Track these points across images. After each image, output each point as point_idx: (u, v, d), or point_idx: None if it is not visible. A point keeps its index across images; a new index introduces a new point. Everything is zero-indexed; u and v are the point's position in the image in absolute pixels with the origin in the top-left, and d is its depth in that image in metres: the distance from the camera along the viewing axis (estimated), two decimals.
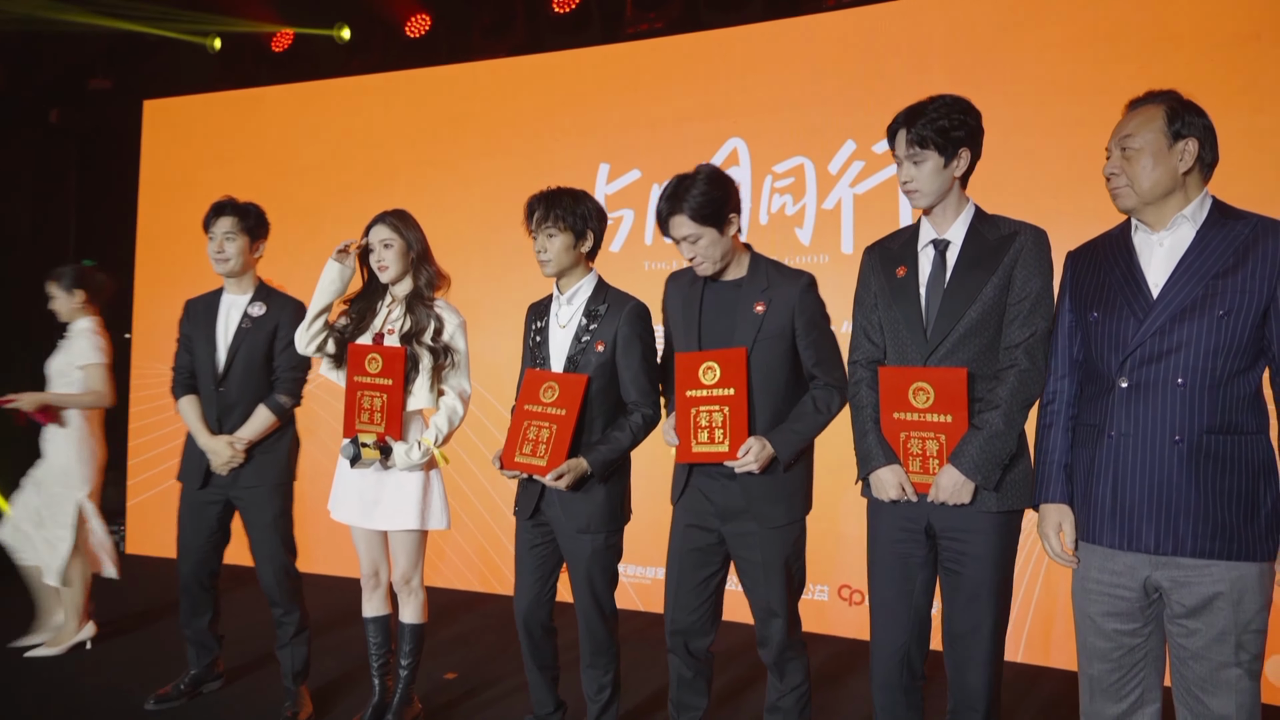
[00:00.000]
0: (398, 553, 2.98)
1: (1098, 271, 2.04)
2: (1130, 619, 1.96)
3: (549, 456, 2.58)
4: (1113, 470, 1.93)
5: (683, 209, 2.43)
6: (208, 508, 3.21)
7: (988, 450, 2.17)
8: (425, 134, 5.11)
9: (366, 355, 2.85)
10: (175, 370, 3.27)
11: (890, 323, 2.32)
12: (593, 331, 2.65)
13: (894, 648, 2.33)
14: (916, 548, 2.30)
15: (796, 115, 4.32)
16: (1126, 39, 3.68)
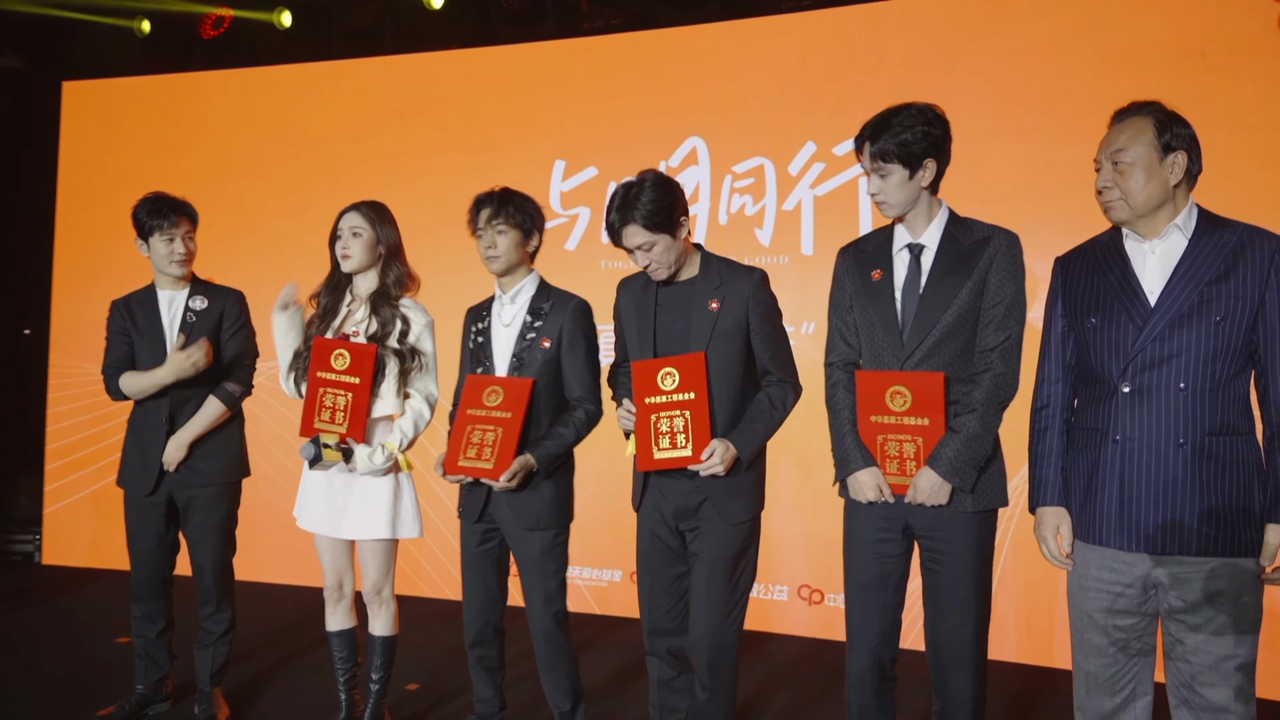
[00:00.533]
0: (368, 563, 2.87)
1: (1091, 277, 2.09)
2: (1128, 615, 2.02)
3: (495, 460, 2.56)
4: (1118, 474, 1.98)
5: (634, 218, 2.42)
6: (157, 509, 3.08)
7: (965, 453, 2.22)
8: (371, 127, 4.96)
9: (334, 350, 2.73)
10: (108, 368, 3.09)
11: (866, 325, 2.35)
12: (538, 328, 2.65)
13: (869, 647, 2.36)
14: (893, 548, 2.33)
15: (756, 115, 4.34)
16: (1080, 51, 3.81)
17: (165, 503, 3.07)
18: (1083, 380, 2.11)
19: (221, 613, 3.15)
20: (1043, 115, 3.87)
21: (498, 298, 2.75)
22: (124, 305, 3.14)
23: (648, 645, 2.62)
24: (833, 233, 4.21)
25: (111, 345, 3.13)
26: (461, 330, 2.84)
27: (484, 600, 2.74)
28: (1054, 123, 3.86)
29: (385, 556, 2.87)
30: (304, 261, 4.94)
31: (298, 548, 4.44)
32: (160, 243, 3.05)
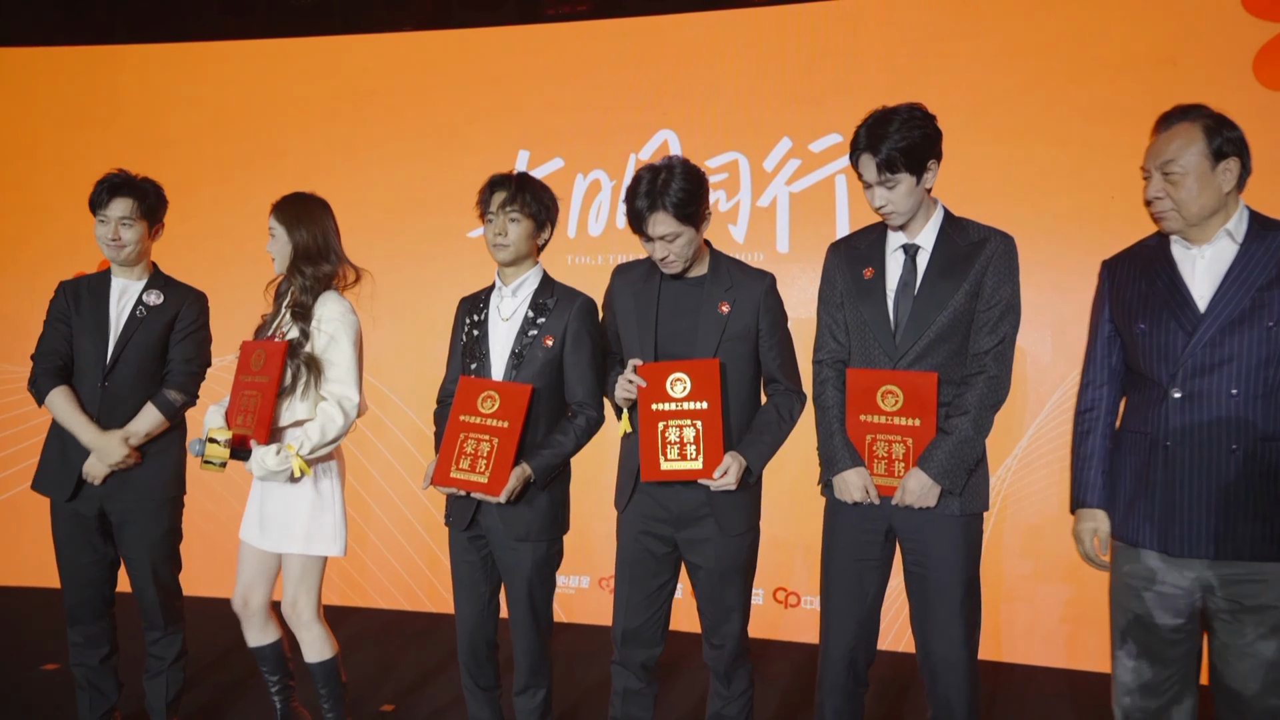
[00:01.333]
0: (286, 578, 2.69)
1: (1138, 282, 2.11)
2: (1176, 615, 2.04)
3: (490, 473, 2.40)
4: (1168, 478, 2.00)
5: (664, 205, 2.31)
6: (89, 522, 2.80)
7: (956, 455, 2.21)
8: (316, 111, 4.70)
9: (253, 352, 2.62)
10: (39, 358, 2.82)
11: (856, 323, 2.33)
12: (540, 325, 2.51)
13: (844, 650, 2.35)
14: (874, 550, 2.32)
15: (730, 110, 4.28)
16: (1056, 54, 3.87)
17: (97, 516, 2.80)
18: (1131, 384, 2.13)
19: (170, 636, 2.91)
20: (1019, 116, 3.93)
21: (497, 289, 2.59)
22: (71, 288, 2.87)
23: (618, 654, 2.54)
24: (809, 230, 4.18)
25: (47, 332, 2.85)
26: (453, 321, 2.67)
27: (477, 614, 2.60)
28: (1029, 124, 3.91)
29: (301, 572, 2.66)
30: (241, 253, 4.67)
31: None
32: (98, 224, 2.80)
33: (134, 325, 2.81)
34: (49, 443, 2.85)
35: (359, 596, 4.61)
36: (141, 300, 2.84)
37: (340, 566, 4.49)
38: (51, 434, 2.85)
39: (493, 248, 2.53)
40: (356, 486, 4.47)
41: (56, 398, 2.77)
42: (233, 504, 4.49)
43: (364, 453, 4.53)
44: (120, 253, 2.80)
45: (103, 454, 2.73)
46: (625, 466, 2.53)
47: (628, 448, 2.53)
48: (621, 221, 4.40)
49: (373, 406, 4.24)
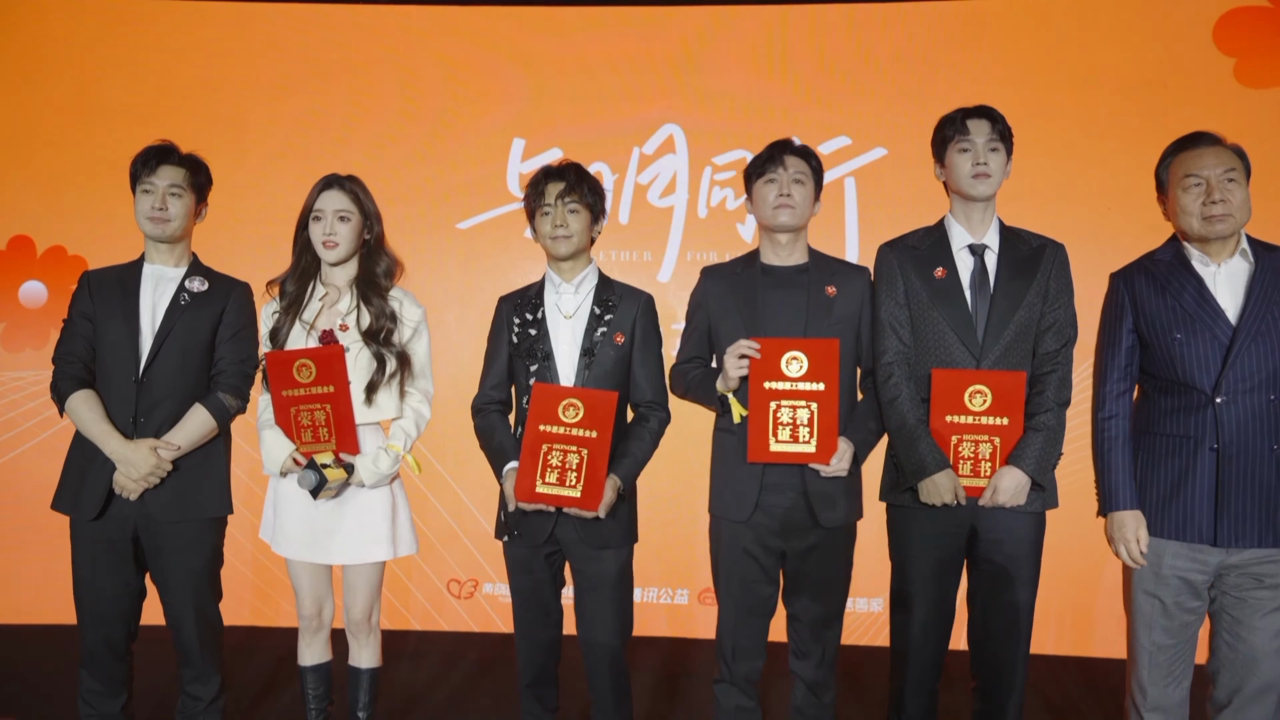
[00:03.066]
0: (358, 588, 2.59)
1: (1163, 295, 2.27)
2: (1197, 596, 2.24)
3: (584, 487, 2.33)
4: (1214, 478, 2.18)
5: (798, 150, 2.48)
6: (120, 546, 2.49)
7: (1046, 451, 2.33)
8: (287, 83, 4.36)
9: (294, 362, 2.43)
10: (60, 360, 2.51)
11: (929, 324, 2.40)
12: (609, 322, 2.46)
13: (930, 652, 2.43)
14: (955, 553, 2.40)
15: (737, 107, 4.29)
16: (1057, 70, 4.11)
17: (130, 539, 2.49)
18: (1158, 390, 2.29)
19: (208, 675, 2.63)
20: (1022, 128, 4.05)
21: (553, 286, 2.51)
22: (96, 279, 2.55)
23: (727, 673, 2.52)
24: (817, 232, 4.20)
25: (65, 331, 2.53)
26: (493, 323, 2.57)
27: (550, 634, 2.51)
28: (1031, 136, 4.09)
29: (377, 580, 2.62)
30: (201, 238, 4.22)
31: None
32: (140, 197, 2.52)
33: (176, 314, 2.51)
34: (71, 455, 2.52)
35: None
36: (184, 287, 2.54)
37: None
38: (74, 445, 2.52)
39: (551, 241, 2.45)
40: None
41: (77, 402, 2.45)
42: None
43: None
44: (165, 228, 2.51)
45: (129, 466, 2.42)
46: (727, 473, 2.48)
47: (723, 452, 2.49)
48: (626, 217, 4.31)
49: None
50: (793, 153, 2.49)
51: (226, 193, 4.29)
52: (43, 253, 4.26)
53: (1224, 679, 2.26)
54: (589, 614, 2.46)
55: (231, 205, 4.22)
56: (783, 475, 2.41)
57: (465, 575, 4.26)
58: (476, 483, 4.15)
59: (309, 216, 2.56)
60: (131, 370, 2.46)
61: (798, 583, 2.47)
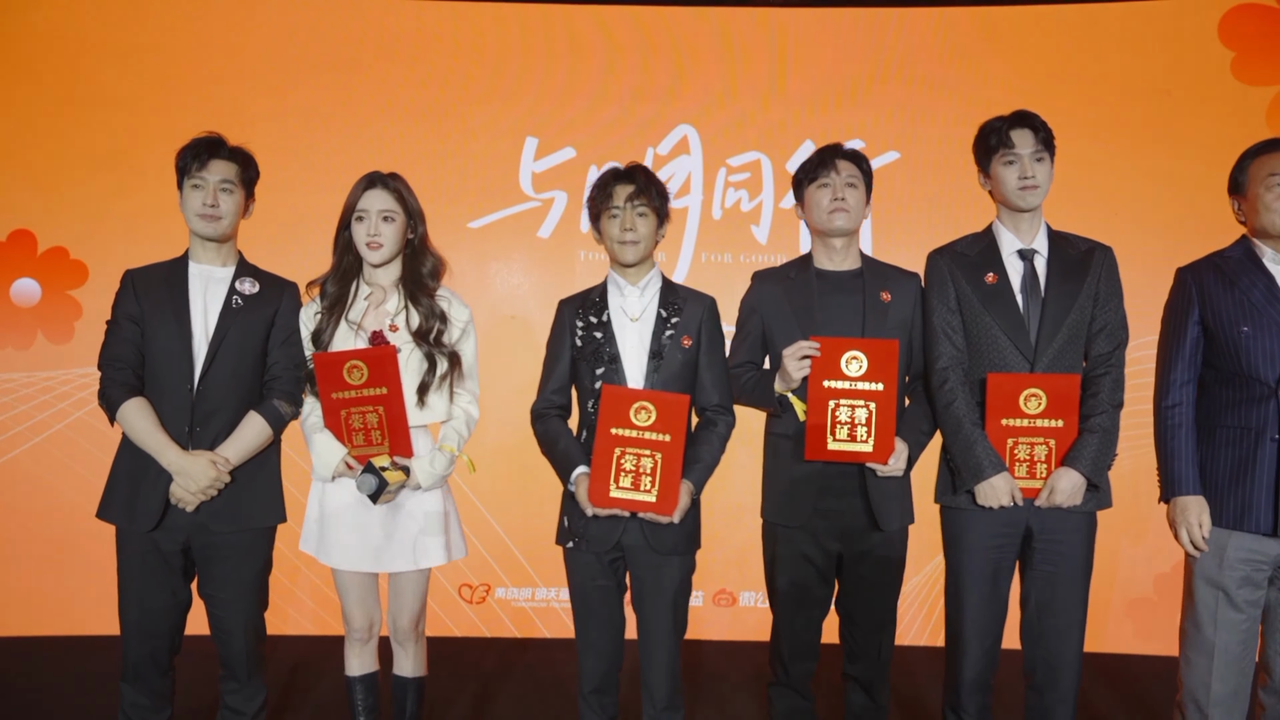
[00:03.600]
0: (408, 595, 2.55)
1: (1232, 290, 2.36)
2: (1258, 587, 2.32)
3: (659, 492, 2.32)
4: (1275, 470, 2.26)
5: (849, 154, 2.51)
6: (171, 557, 2.42)
7: (1102, 451, 2.37)
8: (291, 74, 4.27)
9: (345, 364, 2.38)
10: (108, 365, 2.42)
11: (982, 328, 2.44)
12: (675, 325, 2.45)
13: (986, 648, 2.47)
14: (1010, 553, 2.44)
15: (752, 109, 4.30)
16: (1065, 77, 4.19)
17: (180, 550, 2.42)
18: (1219, 383, 2.36)
19: (254, 688, 2.57)
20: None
21: (617, 289, 2.49)
22: (140, 278, 2.46)
23: (784, 676, 2.55)
24: None
25: (112, 334, 2.44)
26: (554, 326, 2.55)
27: (614, 641, 2.49)
28: None
29: (426, 586, 2.60)
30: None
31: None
32: (190, 192, 2.43)
33: (230, 318, 2.44)
34: (120, 463, 2.43)
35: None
36: (235, 289, 2.47)
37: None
38: (123, 453, 2.44)
39: (618, 245, 2.44)
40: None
41: (131, 411, 2.37)
42: None
43: None
44: (216, 226, 2.43)
45: (188, 478, 2.35)
46: (783, 477, 2.49)
47: (777, 457, 2.50)
48: None
49: None
50: (844, 157, 2.51)
51: None
52: (43, 252, 4.11)
53: (1278, 669, 2.35)
54: (650, 620, 2.45)
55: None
56: (842, 479, 2.43)
57: (478, 580, 4.21)
58: (488, 487, 4.11)
59: (351, 216, 2.50)
60: (186, 378, 2.38)
61: (854, 585, 2.49)
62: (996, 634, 2.47)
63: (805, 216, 2.57)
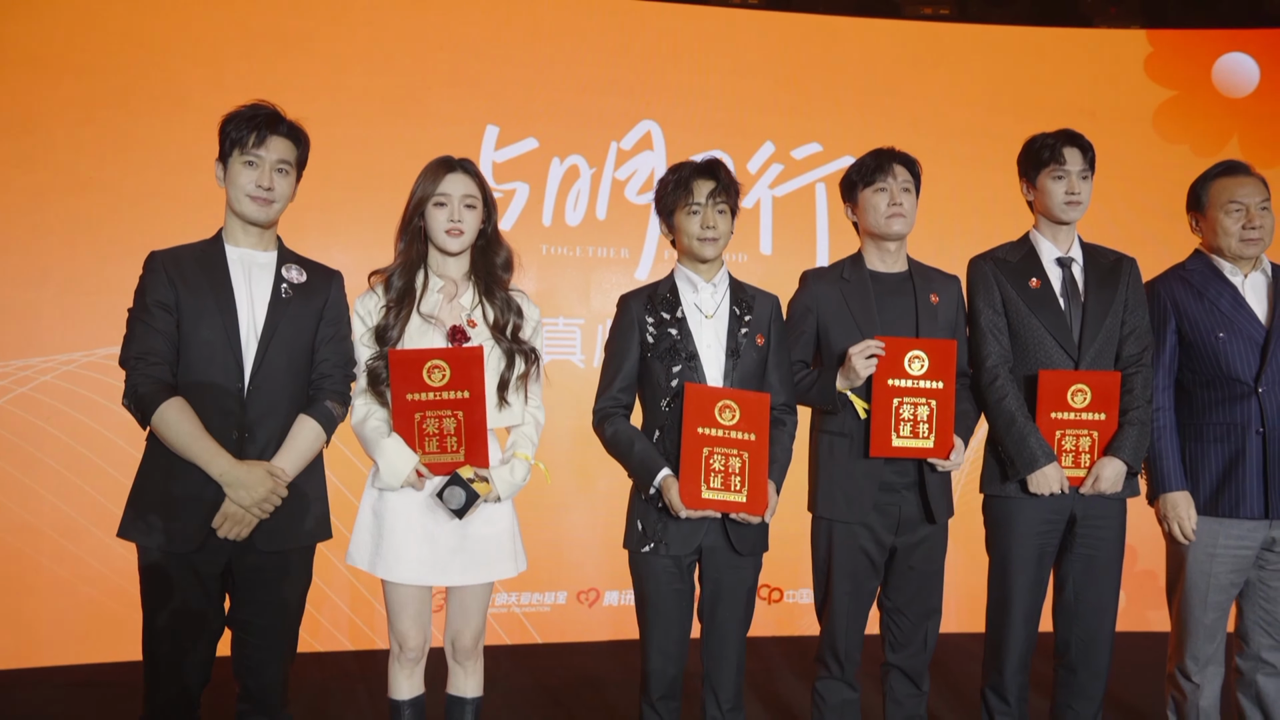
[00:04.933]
0: (474, 611, 2.42)
1: (1201, 300, 2.62)
2: (1243, 573, 2.59)
3: (749, 492, 2.32)
4: (1263, 458, 2.52)
5: (903, 159, 2.59)
6: (209, 581, 2.16)
7: (1141, 441, 2.58)
8: (230, 47, 3.94)
9: (425, 363, 2.23)
10: (138, 360, 2.12)
11: (1028, 330, 2.60)
12: (749, 323, 2.46)
13: (1030, 630, 2.63)
14: (1054, 539, 2.61)
15: (714, 108, 4.36)
16: (1004, 95, 4.50)
17: (219, 574, 2.17)
18: (1205, 385, 2.61)
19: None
20: (975, 146, 4.48)
21: (690, 285, 2.46)
22: (171, 260, 2.18)
23: (836, 669, 2.59)
24: (790, 235, 4.41)
25: (140, 323, 2.14)
26: (619, 322, 2.48)
27: (682, 644, 2.45)
28: (982, 154, 4.48)
29: (489, 599, 2.47)
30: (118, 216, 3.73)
31: None
32: (241, 169, 2.18)
33: (280, 309, 2.20)
34: (147, 474, 2.15)
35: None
36: (282, 276, 2.24)
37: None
38: (151, 462, 2.16)
39: (698, 242, 2.41)
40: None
41: (172, 413, 2.08)
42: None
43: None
44: (268, 210, 2.20)
45: (243, 490, 2.09)
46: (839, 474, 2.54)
47: (832, 454, 2.56)
48: (603, 212, 4.26)
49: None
50: (900, 161, 2.59)
51: (157, 165, 3.84)
52: None
53: (1255, 638, 2.61)
54: (724, 621, 2.43)
55: (165, 180, 3.80)
56: (900, 475, 2.51)
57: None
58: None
59: (427, 202, 2.34)
60: (235, 377, 2.13)
61: (904, 577, 2.57)
62: (1038, 616, 2.62)
63: (858, 218, 2.62)
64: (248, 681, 2.24)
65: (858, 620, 2.57)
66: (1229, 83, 4.54)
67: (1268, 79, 4.55)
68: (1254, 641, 2.63)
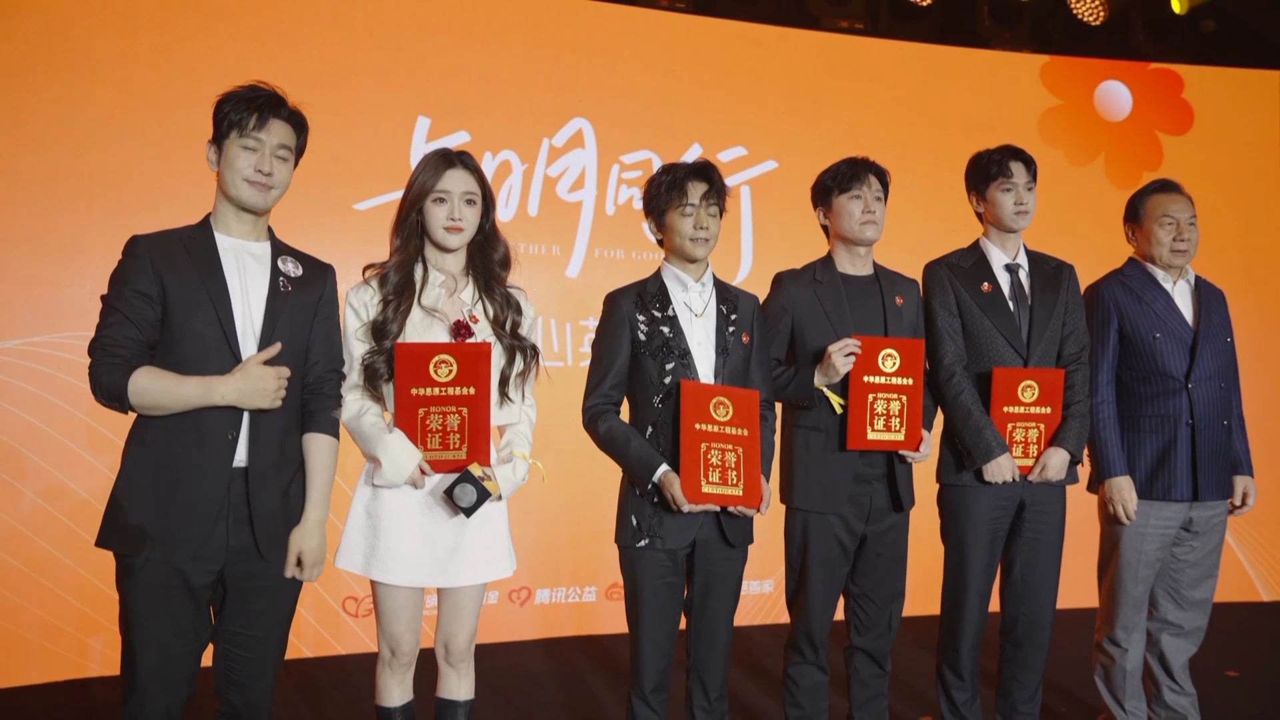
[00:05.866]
0: (469, 611, 2.40)
1: (1139, 303, 2.92)
2: (1166, 549, 2.91)
3: (745, 486, 2.42)
4: (1191, 447, 2.84)
5: (875, 169, 2.73)
6: (200, 591, 2.03)
7: (1082, 433, 2.84)
8: (144, 20, 3.69)
9: (432, 357, 2.22)
10: (101, 352, 1.97)
11: (981, 330, 2.83)
12: (735, 321, 2.56)
13: (982, 609, 2.84)
14: (1005, 524, 2.85)
15: (644, 108, 4.43)
16: (915, 107, 4.78)
17: (211, 583, 2.05)
18: (1140, 380, 2.91)
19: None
20: (891, 154, 4.58)
21: (679, 284, 2.52)
22: (155, 248, 2.03)
23: (810, 654, 2.72)
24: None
25: (114, 312, 1.99)
26: (607, 321, 2.52)
27: (672, 636, 2.51)
28: (897, 163, 4.61)
29: (481, 600, 2.45)
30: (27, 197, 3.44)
31: None
32: (237, 149, 2.06)
33: (279, 304, 2.09)
34: (133, 478, 2.00)
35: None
36: (278, 269, 2.13)
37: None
38: (135, 463, 2.01)
39: (690, 241, 2.48)
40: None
41: (146, 378, 1.93)
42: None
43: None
44: (267, 197, 2.09)
45: (256, 392, 1.98)
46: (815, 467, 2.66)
47: (808, 448, 2.68)
48: (535, 209, 4.25)
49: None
50: (874, 171, 2.72)
51: (59, 142, 3.56)
52: None
53: (1162, 604, 2.95)
54: (715, 612, 2.50)
55: (68, 160, 3.55)
56: (871, 466, 2.66)
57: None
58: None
59: (426, 197, 2.29)
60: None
61: (872, 563, 2.72)
62: (990, 596, 2.83)
63: (830, 222, 2.75)
64: (233, 697, 2.13)
65: (830, 606, 2.70)
66: (1107, 106, 5.00)
67: (1139, 108, 5.04)
68: (1161, 607, 2.95)
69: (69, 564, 3.55)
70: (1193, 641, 2.98)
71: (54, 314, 3.55)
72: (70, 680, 3.51)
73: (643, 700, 2.47)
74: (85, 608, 3.57)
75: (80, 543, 3.56)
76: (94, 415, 3.58)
